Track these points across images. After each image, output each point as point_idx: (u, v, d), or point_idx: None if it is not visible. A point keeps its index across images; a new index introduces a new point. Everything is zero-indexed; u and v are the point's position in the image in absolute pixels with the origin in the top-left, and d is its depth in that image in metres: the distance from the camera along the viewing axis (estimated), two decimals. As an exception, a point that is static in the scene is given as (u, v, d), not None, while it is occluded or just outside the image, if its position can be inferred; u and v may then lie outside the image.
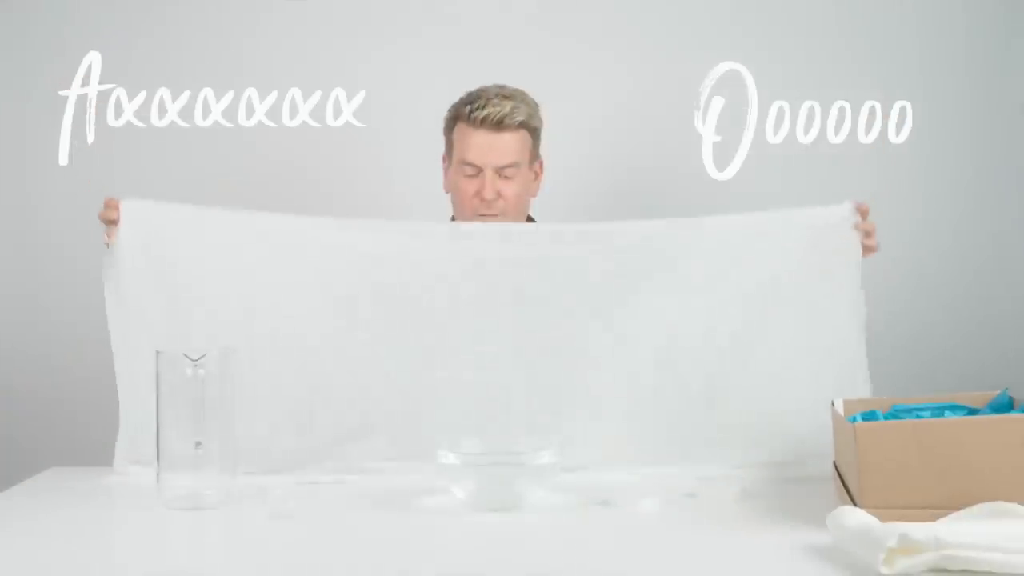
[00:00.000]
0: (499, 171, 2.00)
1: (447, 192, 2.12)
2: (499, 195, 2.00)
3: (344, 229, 1.85)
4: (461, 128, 2.02)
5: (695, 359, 1.79)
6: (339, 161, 2.61)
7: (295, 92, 2.59)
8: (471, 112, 1.99)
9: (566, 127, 2.46)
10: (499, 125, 1.98)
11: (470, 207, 2.02)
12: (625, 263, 1.82)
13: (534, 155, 2.08)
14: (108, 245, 1.78)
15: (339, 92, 2.59)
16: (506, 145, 2.00)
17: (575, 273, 1.81)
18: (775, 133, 2.60)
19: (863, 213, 1.82)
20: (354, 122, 2.58)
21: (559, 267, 1.81)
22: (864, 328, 1.81)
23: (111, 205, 1.78)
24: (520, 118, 2.00)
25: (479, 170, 2.00)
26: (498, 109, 1.98)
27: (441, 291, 1.81)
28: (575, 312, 1.81)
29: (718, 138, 2.60)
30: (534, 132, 2.06)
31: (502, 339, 1.80)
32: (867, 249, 1.81)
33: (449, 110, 2.07)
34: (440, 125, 2.10)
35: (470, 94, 2.04)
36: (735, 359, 1.80)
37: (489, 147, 1.99)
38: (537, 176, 2.11)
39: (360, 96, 2.59)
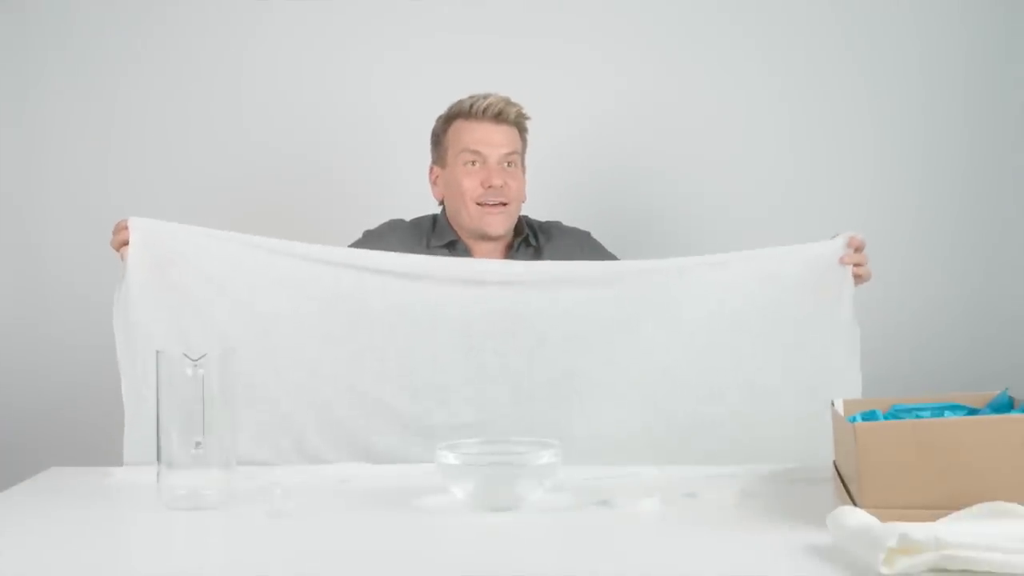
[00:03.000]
0: (501, 160, 2.04)
1: (438, 199, 2.14)
2: (505, 184, 2.03)
3: (349, 258, 1.89)
4: (459, 124, 2.07)
5: (686, 393, 1.84)
6: (338, 161, 2.62)
7: (297, 92, 2.60)
8: (472, 106, 2.06)
9: (565, 127, 2.47)
10: (499, 116, 2.06)
11: (474, 199, 2.04)
12: (623, 301, 1.86)
13: (524, 155, 2.12)
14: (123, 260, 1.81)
15: (336, 92, 2.60)
16: (506, 136, 2.07)
17: (573, 308, 1.85)
18: (775, 133, 2.60)
19: (858, 247, 1.83)
20: (350, 122, 2.59)
21: (557, 303, 1.85)
22: (858, 360, 1.83)
23: (121, 227, 1.80)
24: (516, 110, 2.08)
25: (482, 160, 2.04)
26: (497, 103, 2.06)
27: (442, 327, 1.85)
28: (572, 346, 1.84)
29: (716, 138, 2.60)
30: (524, 134, 2.11)
31: (501, 379, 1.84)
32: (858, 278, 1.84)
33: (439, 119, 2.13)
34: (431, 126, 2.14)
35: (461, 100, 2.09)
36: (725, 394, 1.84)
37: (491, 135, 2.05)
38: (525, 182, 2.12)
39: (357, 97, 2.60)
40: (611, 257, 2.17)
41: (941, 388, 1.83)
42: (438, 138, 2.12)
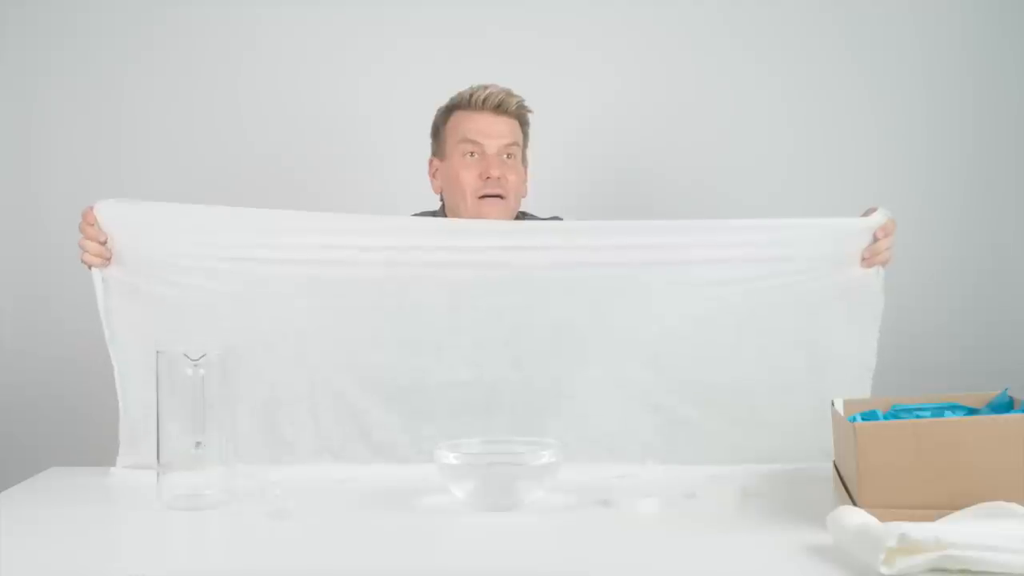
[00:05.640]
0: (500, 152, 2.02)
1: (437, 192, 2.13)
2: (503, 175, 2.01)
3: (337, 223, 1.83)
4: (459, 115, 2.06)
5: (692, 360, 1.79)
6: (337, 161, 2.62)
7: (297, 91, 2.60)
8: (472, 96, 2.04)
9: (563, 127, 2.47)
10: (499, 107, 2.04)
11: (472, 190, 2.02)
12: (629, 263, 1.80)
13: (525, 149, 2.10)
14: (89, 267, 1.82)
15: (336, 91, 2.60)
16: (506, 127, 2.05)
17: (573, 269, 1.80)
18: (775, 134, 2.60)
19: (888, 230, 1.80)
20: (349, 120, 2.59)
21: (557, 263, 1.80)
22: (876, 336, 1.81)
23: (88, 220, 1.80)
24: (517, 101, 2.06)
25: (481, 151, 2.02)
26: (498, 93, 2.04)
27: (435, 286, 1.80)
28: (571, 308, 1.80)
29: (719, 138, 2.60)
30: (525, 127, 2.09)
31: (497, 336, 1.80)
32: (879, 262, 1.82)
33: (439, 110, 2.11)
34: (429, 124, 2.12)
35: (462, 91, 2.07)
36: (734, 362, 1.80)
37: (491, 126, 2.03)
38: (526, 177, 2.11)
39: (355, 95, 2.60)
40: None
41: (941, 388, 1.83)
42: (438, 129, 2.11)
